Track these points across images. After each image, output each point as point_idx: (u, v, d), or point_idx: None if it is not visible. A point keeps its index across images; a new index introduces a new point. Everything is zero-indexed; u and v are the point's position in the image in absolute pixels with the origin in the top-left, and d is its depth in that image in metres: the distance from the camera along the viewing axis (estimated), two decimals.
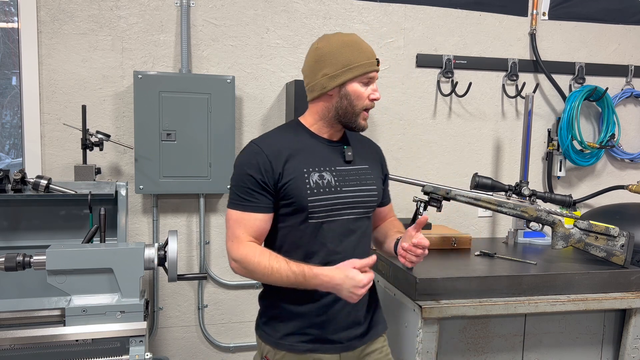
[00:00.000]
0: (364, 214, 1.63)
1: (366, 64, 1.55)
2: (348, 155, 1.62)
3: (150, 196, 2.52)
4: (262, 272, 1.49)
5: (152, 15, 2.46)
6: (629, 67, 3.03)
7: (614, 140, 2.95)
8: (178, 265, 1.81)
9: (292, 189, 1.52)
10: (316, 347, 1.59)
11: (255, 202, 1.53)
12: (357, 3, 2.67)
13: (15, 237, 2.19)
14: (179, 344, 2.65)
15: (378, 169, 1.73)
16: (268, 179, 1.52)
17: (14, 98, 2.50)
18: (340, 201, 1.57)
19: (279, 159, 1.53)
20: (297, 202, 1.53)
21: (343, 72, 1.54)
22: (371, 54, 1.57)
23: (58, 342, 1.67)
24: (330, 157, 1.60)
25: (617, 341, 2.20)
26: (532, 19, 2.88)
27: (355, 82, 1.55)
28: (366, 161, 1.68)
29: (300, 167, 1.54)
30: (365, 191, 1.63)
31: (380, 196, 1.70)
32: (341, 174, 1.60)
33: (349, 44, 1.56)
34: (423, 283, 1.94)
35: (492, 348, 2.07)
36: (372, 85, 1.58)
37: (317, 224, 1.55)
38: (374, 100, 1.58)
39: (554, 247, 2.23)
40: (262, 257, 1.49)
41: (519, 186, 2.27)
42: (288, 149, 1.55)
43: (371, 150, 1.76)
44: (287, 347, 1.59)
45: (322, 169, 1.57)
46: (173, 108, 2.39)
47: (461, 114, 2.88)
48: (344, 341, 1.61)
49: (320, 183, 1.55)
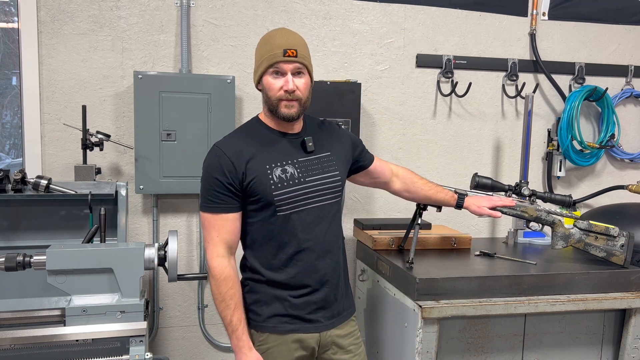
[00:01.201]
0: (331, 199, 1.72)
1: (270, 56, 1.60)
2: (309, 145, 1.70)
3: (150, 196, 2.52)
4: (216, 297, 1.63)
5: (152, 15, 2.46)
6: (628, 67, 3.03)
7: (613, 140, 2.95)
8: (178, 265, 1.82)
9: (257, 186, 1.61)
10: (297, 327, 1.68)
11: (224, 204, 1.62)
12: (357, 3, 2.67)
13: (15, 237, 2.19)
14: (179, 344, 2.65)
15: (341, 151, 1.80)
16: (233, 180, 1.60)
17: (14, 98, 2.50)
18: (306, 191, 1.66)
19: (241, 159, 1.61)
20: (263, 198, 1.62)
21: (257, 67, 1.66)
22: (279, 45, 1.60)
23: (58, 342, 1.67)
24: (291, 150, 1.68)
25: (617, 341, 2.20)
26: (532, 19, 2.88)
27: (266, 75, 1.63)
28: (327, 148, 1.76)
29: (263, 164, 1.63)
30: (328, 178, 1.71)
31: (344, 180, 1.81)
32: (303, 164, 1.68)
33: (264, 40, 1.67)
34: (423, 283, 1.94)
35: (492, 348, 2.07)
36: (287, 77, 1.60)
37: (285, 216, 1.64)
38: (286, 91, 1.60)
39: (554, 247, 2.23)
40: (233, 292, 1.63)
41: (519, 186, 2.27)
42: (249, 148, 1.64)
43: (332, 134, 1.82)
44: (270, 328, 1.68)
45: (284, 162, 1.65)
46: (173, 108, 2.39)
47: (461, 114, 2.88)
48: (323, 320, 1.70)
49: (284, 177, 1.63)
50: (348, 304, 1.81)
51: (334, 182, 1.72)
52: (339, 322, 1.75)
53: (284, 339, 1.67)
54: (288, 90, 1.60)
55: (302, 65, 1.62)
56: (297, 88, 1.61)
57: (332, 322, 1.73)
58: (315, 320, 1.69)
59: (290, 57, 1.59)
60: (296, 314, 1.67)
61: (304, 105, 1.66)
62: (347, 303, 1.81)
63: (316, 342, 1.70)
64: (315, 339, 1.70)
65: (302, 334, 1.68)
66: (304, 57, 1.63)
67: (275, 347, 1.67)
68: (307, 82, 1.66)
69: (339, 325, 1.75)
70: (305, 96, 1.65)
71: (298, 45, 1.62)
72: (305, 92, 1.65)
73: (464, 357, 2.05)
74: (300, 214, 1.65)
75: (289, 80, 1.60)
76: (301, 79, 1.63)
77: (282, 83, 1.61)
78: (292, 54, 1.59)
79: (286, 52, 1.59)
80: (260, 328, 1.69)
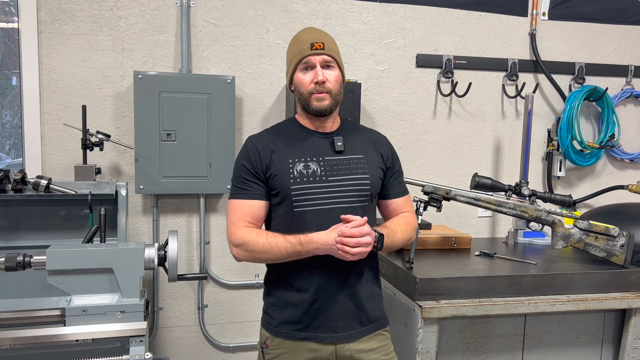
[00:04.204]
0: (356, 203, 1.63)
1: (298, 52, 1.62)
2: (338, 145, 1.65)
3: (150, 196, 2.52)
4: (262, 250, 1.54)
5: (152, 15, 2.46)
6: (628, 67, 3.03)
7: (613, 140, 2.95)
8: (178, 265, 1.81)
9: (277, 179, 1.60)
10: (311, 335, 1.61)
11: (249, 190, 1.61)
12: (357, 3, 2.67)
13: (15, 237, 2.19)
14: (179, 344, 2.65)
15: (377, 159, 1.71)
16: (258, 168, 1.61)
17: (14, 98, 2.50)
18: (327, 190, 1.61)
19: (266, 150, 1.62)
20: (281, 191, 1.60)
21: (288, 67, 1.68)
22: (306, 40, 1.61)
23: (58, 342, 1.67)
24: (319, 148, 1.65)
25: (617, 341, 2.20)
26: (532, 19, 2.88)
27: (297, 73, 1.64)
28: (361, 151, 1.69)
29: (286, 159, 1.61)
30: (356, 180, 1.64)
31: (376, 186, 1.68)
32: (329, 163, 1.63)
33: (292, 40, 1.68)
34: (423, 283, 1.94)
35: (492, 348, 2.07)
36: (316, 69, 1.60)
37: (302, 212, 1.59)
38: (317, 82, 1.60)
39: (554, 247, 2.23)
40: (259, 237, 1.55)
41: (519, 186, 2.27)
42: (277, 142, 1.64)
43: (372, 141, 1.75)
44: (283, 334, 1.63)
45: (308, 159, 1.63)
46: (173, 108, 2.39)
47: (461, 114, 2.88)
48: (340, 331, 1.62)
49: (305, 172, 1.60)
50: (375, 316, 1.68)
51: (362, 185, 1.64)
52: (360, 335, 1.64)
53: (297, 346, 1.61)
54: (318, 82, 1.59)
55: (330, 58, 1.61)
56: (327, 80, 1.60)
57: (350, 335, 1.63)
58: (331, 330, 1.61)
59: (318, 49, 1.59)
60: (309, 322, 1.60)
61: (335, 99, 1.63)
62: (374, 315, 1.68)
63: (331, 355, 1.62)
64: (329, 350, 1.61)
65: (315, 344, 1.61)
66: (331, 50, 1.63)
67: (287, 354, 1.62)
68: (338, 75, 1.64)
69: (359, 338, 1.64)
70: (336, 89, 1.62)
71: (325, 39, 1.63)
72: (335, 85, 1.62)
73: (464, 357, 2.05)
74: (319, 213, 1.59)
75: (318, 72, 1.59)
76: (331, 71, 1.62)
77: (312, 76, 1.60)
78: (320, 47, 1.60)
79: (313, 45, 1.60)
80: (274, 332, 1.64)
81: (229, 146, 2.48)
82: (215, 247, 2.64)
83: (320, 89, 1.60)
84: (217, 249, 2.64)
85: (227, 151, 2.47)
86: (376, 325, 1.69)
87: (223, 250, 2.65)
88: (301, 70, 1.62)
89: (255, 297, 2.71)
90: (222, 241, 2.64)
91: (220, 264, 2.66)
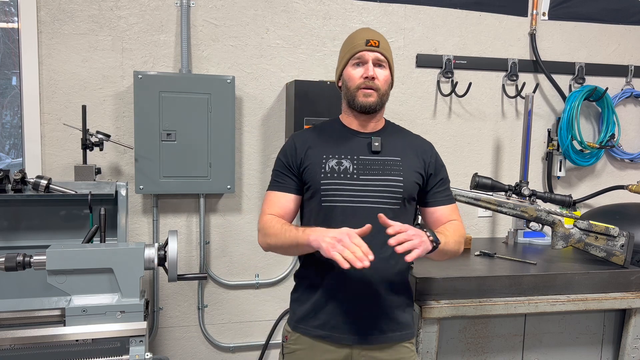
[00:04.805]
0: (386, 204, 1.60)
1: (352, 47, 1.63)
2: (375, 145, 1.64)
3: (150, 196, 2.52)
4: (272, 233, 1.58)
5: (152, 15, 2.46)
6: (629, 67, 3.03)
7: (613, 140, 2.95)
8: (178, 265, 1.81)
9: (309, 173, 1.62)
10: (326, 334, 1.60)
11: (282, 183, 1.66)
12: (357, 3, 2.67)
13: (15, 237, 2.19)
14: (179, 344, 2.65)
15: (416, 164, 1.67)
16: (292, 162, 1.65)
17: (14, 98, 2.50)
18: (357, 188, 1.59)
19: (304, 146, 1.66)
20: (312, 185, 1.62)
21: (339, 63, 1.70)
22: (362, 37, 1.62)
23: (58, 342, 1.67)
24: (355, 147, 1.65)
25: (617, 341, 2.20)
26: (532, 19, 2.88)
27: (347, 67, 1.64)
28: (400, 154, 1.66)
29: (320, 154, 1.63)
30: (389, 181, 1.61)
31: (410, 190, 1.63)
32: (363, 162, 1.63)
33: (348, 37, 1.69)
34: (423, 283, 1.94)
35: (492, 348, 2.07)
36: (367, 65, 1.60)
37: (329, 208, 1.60)
38: (366, 77, 1.60)
39: (554, 247, 2.23)
40: (275, 223, 1.59)
41: (519, 186, 2.27)
42: (315, 138, 1.68)
43: (414, 146, 1.71)
44: (301, 330, 1.64)
45: (342, 156, 1.63)
46: (173, 108, 2.39)
47: (461, 114, 2.88)
48: (357, 334, 1.60)
49: (336, 168, 1.61)
50: (399, 326, 1.63)
51: (394, 187, 1.60)
52: (377, 342, 1.60)
53: (312, 343, 1.62)
54: (368, 77, 1.59)
55: (383, 58, 1.62)
56: (377, 77, 1.60)
57: (367, 339, 1.60)
58: (347, 332, 1.59)
59: (373, 46, 1.60)
60: (327, 321, 1.60)
61: (382, 98, 1.63)
62: (397, 325, 1.63)
63: (346, 357, 1.61)
64: (344, 353, 1.60)
65: (330, 344, 1.60)
66: (385, 50, 1.63)
67: (303, 350, 1.63)
68: (388, 76, 1.64)
69: (377, 344, 1.61)
70: (384, 89, 1.62)
71: (381, 40, 1.63)
72: (384, 85, 1.62)
73: (464, 357, 2.05)
74: (346, 210, 1.58)
75: (369, 67, 1.59)
76: (382, 70, 1.62)
77: (363, 71, 1.60)
78: (375, 44, 1.60)
79: (369, 42, 1.60)
80: (293, 327, 1.66)
81: (228, 146, 2.48)
82: (215, 247, 2.64)
83: (369, 85, 1.60)
84: (217, 249, 2.64)
85: (227, 151, 2.47)
86: (397, 336, 1.64)
87: (223, 250, 2.65)
88: (352, 65, 1.63)
89: (255, 297, 2.71)
90: (222, 241, 2.64)
91: (220, 264, 2.66)
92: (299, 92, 2.41)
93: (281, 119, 2.63)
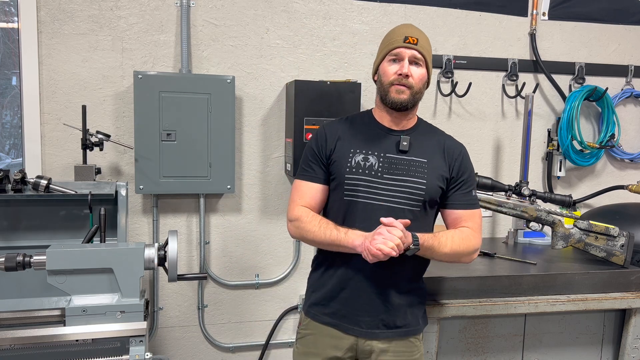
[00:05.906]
0: (405, 206, 1.60)
1: (390, 42, 1.63)
2: (403, 144, 1.64)
3: (150, 196, 2.52)
4: (310, 229, 1.60)
5: (152, 15, 2.46)
6: (629, 67, 3.03)
7: (613, 140, 2.95)
8: (178, 265, 1.81)
9: (335, 166, 1.64)
10: (335, 322, 1.65)
11: (311, 172, 1.68)
12: (357, 3, 2.67)
13: (15, 237, 2.19)
14: (179, 344, 2.65)
15: (441, 166, 1.66)
16: (322, 151, 1.66)
17: (14, 98, 2.50)
18: (380, 186, 1.60)
19: (333, 137, 1.67)
20: (337, 178, 1.64)
21: (377, 57, 1.69)
22: (401, 33, 1.61)
23: (58, 342, 1.67)
24: (384, 144, 1.65)
25: (617, 341, 2.20)
26: (532, 19, 2.88)
27: (383, 62, 1.64)
28: (427, 156, 1.66)
29: (348, 148, 1.65)
30: (411, 183, 1.61)
31: (432, 193, 1.63)
32: (389, 161, 1.63)
33: (388, 32, 1.69)
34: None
35: (492, 348, 2.07)
36: (403, 62, 1.60)
37: (350, 202, 1.61)
38: (400, 74, 1.59)
39: (554, 247, 2.23)
40: (313, 218, 1.62)
41: (519, 186, 2.27)
42: (345, 131, 1.68)
43: (442, 147, 1.70)
44: (312, 315, 1.69)
45: (370, 152, 1.63)
46: (173, 108, 2.39)
47: (461, 114, 2.88)
48: (364, 327, 1.64)
49: (362, 164, 1.62)
50: (404, 322, 1.66)
51: (416, 190, 1.60)
52: (383, 337, 1.64)
53: (321, 329, 1.68)
54: (402, 74, 1.58)
55: (421, 56, 1.61)
56: (411, 75, 1.59)
57: (373, 333, 1.64)
58: (355, 323, 1.64)
59: (411, 43, 1.59)
60: (337, 308, 1.65)
61: (415, 96, 1.62)
62: (403, 321, 1.66)
63: (351, 347, 1.65)
64: (350, 341, 1.65)
65: (337, 331, 1.65)
66: (424, 48, 1.62)
67: (313, 335, 1.69)
68: (424, 74, 1.63)
69: (383, 338, 1.64)
70: (418, 87, 1.62)
71: (420, 37, 1.62)
72: (419, 83, 1.62)
73: (464, 357, 2.05)
74: (366, 207, 1.60)
75: (404, 64, 1.59)
76: (418, 69, 1.61)
77: (398, 68, 1.60)
78: (413, 42, 1.59)
79: (407, 38, 1.60)
80: (305, 312, 1.73)
81: (228, 146, 2.48)
82: (215, 247, 2.64)
83: (402, 82, 1.59)
84: (217, 249, 2.64)
85: (227, 151, 2.47)
86: (404, 331, 1.67)
87: (223, 250, 2.65)
88: (389, 60, 1.63)
89: (255, 297, 2.71)
90: (222, 241, 2.64)
91: (220, 264, 2.66)
92: (299, 92, 2.41)
93: (281, 119, 2.63)
